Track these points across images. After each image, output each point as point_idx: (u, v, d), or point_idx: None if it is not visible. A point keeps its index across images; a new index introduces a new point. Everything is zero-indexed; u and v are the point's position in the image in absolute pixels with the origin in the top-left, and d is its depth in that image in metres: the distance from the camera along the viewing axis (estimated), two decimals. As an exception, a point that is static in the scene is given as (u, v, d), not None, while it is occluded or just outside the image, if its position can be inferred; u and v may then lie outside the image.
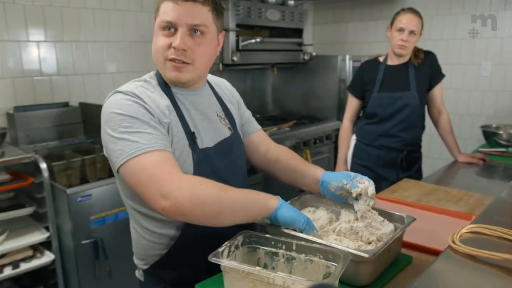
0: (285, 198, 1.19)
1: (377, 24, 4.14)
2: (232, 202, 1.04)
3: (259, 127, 1.49)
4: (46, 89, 2.66)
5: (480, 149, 2.53)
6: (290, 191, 1.92)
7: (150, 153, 1.04)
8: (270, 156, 1.44)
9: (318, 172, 1.32)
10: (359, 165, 2.47)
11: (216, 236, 1.11)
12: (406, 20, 2.23)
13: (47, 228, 2.18)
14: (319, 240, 1.04)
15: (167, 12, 1.11)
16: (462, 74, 3.70)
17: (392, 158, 2.38)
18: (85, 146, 2.49)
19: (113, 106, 1.08)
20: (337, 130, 3.58)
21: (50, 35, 2.64)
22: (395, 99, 2.33)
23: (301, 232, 1.09)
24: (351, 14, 4.30)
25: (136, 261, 1.29)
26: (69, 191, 2.10)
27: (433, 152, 3.68)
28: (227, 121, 1.32)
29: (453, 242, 0.69)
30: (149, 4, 3.08)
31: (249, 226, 1.17)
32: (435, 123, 2.45)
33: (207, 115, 1.26)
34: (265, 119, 3.58)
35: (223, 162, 1.25)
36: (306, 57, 3.61)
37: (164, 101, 1.16)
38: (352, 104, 2.52)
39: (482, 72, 3.64)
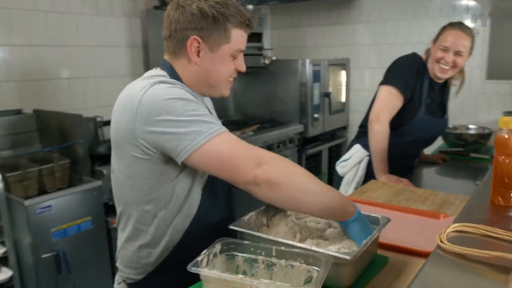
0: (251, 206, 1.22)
1: (334, 28, 4.21)
2: (317, 191, 1.05)
3: None
4: (-4, 96, 2.51)
5: (441, 150, 2.62)
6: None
7: (227, 133, 1.07)
8: None
9: None
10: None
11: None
12: (452, 38, 1.93)
13: (3, 243, 2.05)
14: (298, 244, 1.03)
15: (242, 42, 1.18)
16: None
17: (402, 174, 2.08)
18: (41, 155, 2.37)
19: (168, 93, 1.05)
20: (300, 133, 3.62)
21: None
22: (436, 124, 2.13)
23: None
24: (308, 18, 4.36)
25: (125, 270, 1.23)
26: (27, 202, 1.98)
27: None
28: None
29: (441, 241, 0.69)
30: (103, 8, 2.99)
31: (227, 233, 1.15)
32: None
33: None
34: (227, 124, 3.51)
35: None
36: (266, 62, 3.61)
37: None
38: (396, 103, 1.99)
39: (435, 75, 3.79)
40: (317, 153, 3.86)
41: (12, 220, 2.06)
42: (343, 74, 4.02)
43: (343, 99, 4.10)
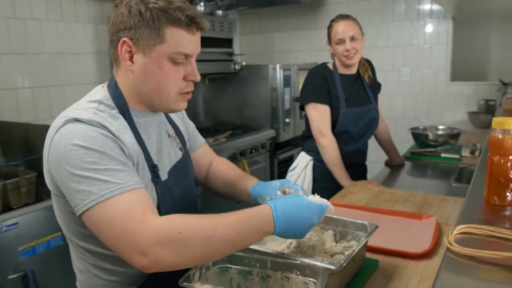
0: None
1: (302, 33, 4.24)
2: (224, 242, 0.88)
3: (203, 140, 1.41)
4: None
5: (412, 151, 2.66)
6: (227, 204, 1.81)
7: (122, 195, 0.88)
8: (210, 171, 1.38)
9: (248, 185, 1.27)
10: (321, 189, 2.17)
11: None
12: (341, 29, 2.07)
13: (-35, 265, 1.92)
14: (294, 256, 1.00)
15: (185, 44, 0.99)
16: (384, 80, 3.90)
17: (357, 174, 2.23)
18: (5, 170, 2.24)
19: (73, 137, 0.91)
20: (272, 138, 3.61)
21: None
22: (363, 113, 2.19)
23: None
24: (276, 24, 4.37)
25: None
26: (-9, 220, 1.86)
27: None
28: (178, 140, 1.23)
29: (450, 244, 0.68)
30: (68, 13, 2.88)
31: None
32: (376, 131, 2.41)
33: (162, 138, 1.15)
34: (198, 131, 3.48)
35: (179, 189, 1.16)
36: (237, 67, 3.59)
37: (126, 129, 1.02)
38: (327, 112, 2.13)
39: (402, 78, 3.88)
40: (289, 158, 3.85)
41: (-25, 239, 1.93)
42: (312, 78, 4.04)
43: (313, 103, 4.11)
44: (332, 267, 0.94)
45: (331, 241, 1.18)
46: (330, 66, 2.23)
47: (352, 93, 2.20)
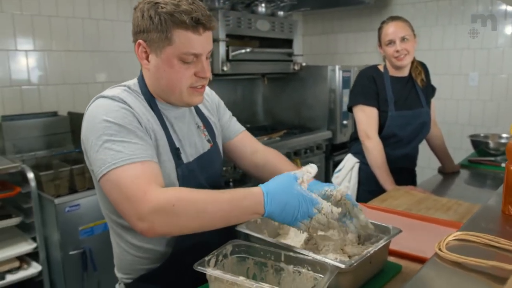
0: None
1: (366, 35, 4.17)
2: (214, 218, 0.98)
3: (242, 128, 1.44)
4: (34, 99, 2.64)
5: (470, 159, 2.55)
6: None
7: (131, 165, 0.99)
8: (258, 160, 1.41)
9: None
10: (366, 192, 2.15)
11: (210, 246, 1.08)
12: (392, 30, 2.04)
13: (34, 239, 2.15)
14: (305, 252, 1.03)
15: (192, 45, 1.06)
16: (451, 84, 3.74)
17: (405, 179, 2.17)
18: (73, 156, 2.46)
19: (97, 112, 1.04)
20: (328, 139, 3.60)
21: (39, 44, 2.63)
22: (413, 117, 2.14)
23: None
24: (340, 25, 4.34)
25: (118, 274, 1.26)
26: (56, 201, 2.07)
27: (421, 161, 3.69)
28: (206, 133, 1.30)
29: (439, 249, 0.69)
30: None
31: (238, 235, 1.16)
32: (428, 137, 2.35)
33: (189, 128, 1.24)
34: (256, 129, 3.58)
35: (203, 176, 1.23)
36: (296, 68, 3.63)
37: (149, 113, 1.13)
38: (375, 115, 2.10)
39: (470, 82, 3.69)
40: (346, 160, 3.82)
41: (43, 217, 2.16)
42: (373, 80, 3.97)
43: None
44: (342, 266, 0.96)
45: (354, 241, 1.20)
46: (381, 68, 2.19)
47: (402, 96, 2.15)
